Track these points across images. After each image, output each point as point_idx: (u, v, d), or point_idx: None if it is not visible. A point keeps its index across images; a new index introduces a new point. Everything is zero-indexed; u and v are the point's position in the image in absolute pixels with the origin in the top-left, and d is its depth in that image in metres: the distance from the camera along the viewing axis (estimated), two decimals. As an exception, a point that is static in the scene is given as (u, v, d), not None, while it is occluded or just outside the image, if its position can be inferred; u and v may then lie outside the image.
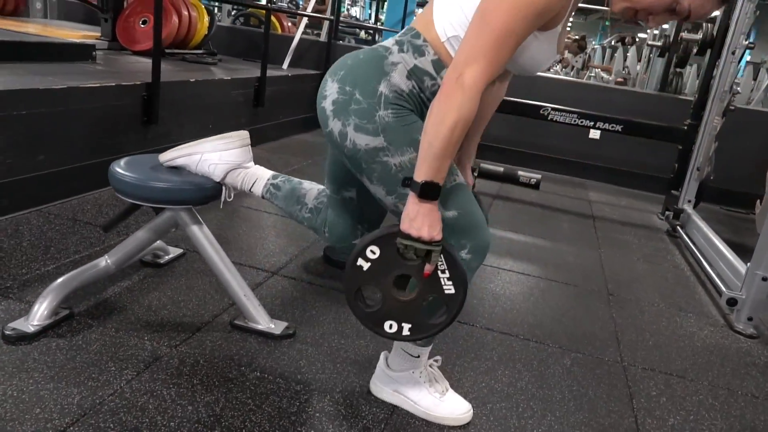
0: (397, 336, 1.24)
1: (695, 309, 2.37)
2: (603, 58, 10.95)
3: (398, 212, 1.21)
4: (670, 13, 1.10)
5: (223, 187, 1.60)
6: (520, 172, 4.18)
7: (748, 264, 2.22)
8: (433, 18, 1.18)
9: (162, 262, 2.01)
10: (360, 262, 1.17)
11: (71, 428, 1.20)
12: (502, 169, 4.21)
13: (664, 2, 1.08)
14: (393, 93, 1.18)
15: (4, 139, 2.14)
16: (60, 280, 1.59)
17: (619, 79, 7.96)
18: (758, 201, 3.61)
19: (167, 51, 4.28)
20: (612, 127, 3.78)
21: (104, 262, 1.70)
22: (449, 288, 1.18)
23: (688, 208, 3.38)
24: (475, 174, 1.56)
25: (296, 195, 1.55)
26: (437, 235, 1.11)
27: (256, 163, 1.61)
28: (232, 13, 6.49)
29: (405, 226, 1.12)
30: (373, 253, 1.17)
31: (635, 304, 2.31)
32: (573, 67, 9.22)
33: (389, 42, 1.23)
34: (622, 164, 4.63)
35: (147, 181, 1.53)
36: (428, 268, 1.15)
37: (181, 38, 4.35)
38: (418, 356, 1.39)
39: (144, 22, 4.20)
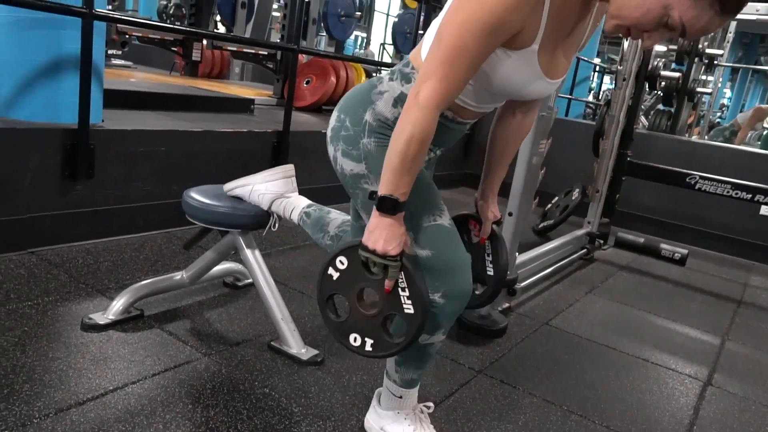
0: (361, 350, 1.22)
1: (825, 420, 1.93)
2: None
3: None
4: (664, 29, 0.99)
5: (271, 217, 1.76)
6: (663, 245, 3.80)
7: None
8: (422, 45, 1.19)
9: (240, 284, 2.23)
10: (330, 271, 1.19)
11: (89, 403, 1.40)
12: (642, 239, 3.87)
13: (653, 16, 0.97)
14: (377, 121, 1.22)
15: (147, 169, 2.59)
16: (139, 284, 1.88)
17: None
18: None
19: (324, 107, 4.75)
20: (776, 201, 3.29)
21: (180, 275, 1.96)
22: (408, 307, 1.14)
23: None
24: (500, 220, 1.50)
25: (321, 223, 1.63)
26: (392, 250, 1.10)
27: None
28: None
29: (365, 237, 1.12)
30: (342, 263, 1.18)
31: (738, 401, 1.97)
32: None
33: (386, 71, 1.27)
34: (805, 248, 3.96)
35: (207, 205, 1.76)
36: (387, 283, 1.13)
37: (338, 96, 4.80)
38: (401, 397, 1.37)
39: (307, 82, 4.74)
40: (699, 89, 4.85)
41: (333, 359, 1.79)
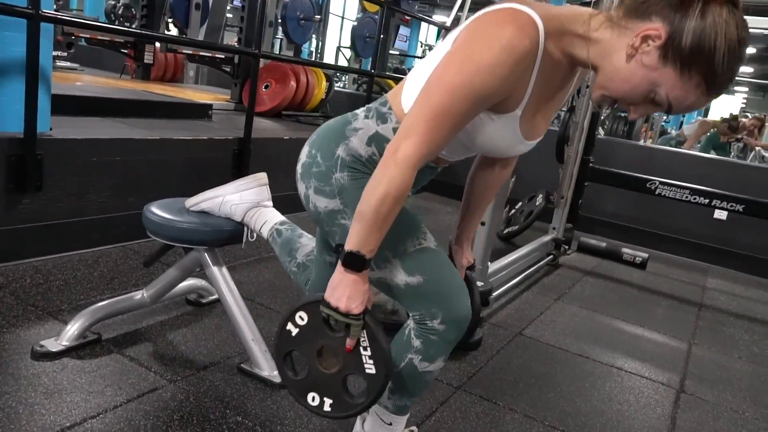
0: (319, 411, 1.16)
1: (794, 424, 1.97)
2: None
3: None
4: (650, 104, 0.99)
5: (245, 228, 1.67)
6: (624, 249, 3.85)
7: None
8: (403, 88, 1.16)
9: (204, 302, 2.12)
10: (289, 326, 1.13)
11: (44, 442, 1.28)
12: (604, 244, 3.92)
13: (640, 92, 0.97)
14: (350, 156, 1.17)
15: (101, 180, 2.44)
16: (95, 306, 1.75)
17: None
18: None
19: (284, 113, 4.64)
20: (731, 206, 3.37)
21: (140, 295, 1.84)
22: (370, 367, 1.09)
23: (819, 305, 2.87)
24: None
25: (290, 246, 1.56)
26: (355, 308, 1.05)
27: None
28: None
29: (327, 293, 1.07)
30: (302, 319, 1.12)
31: (711, 408, 1.98)
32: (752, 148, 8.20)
33: (362, 108, 1.22)
34: (757, 250, 4.08)
35: (171, 221, 1.65)
36: (349, 342, 1.09)
37: (298, 101, 4.70)
38: (390, 424, 1.30)
39: (266, 87, 4.62)
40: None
41: (307, 381, 1.70)
